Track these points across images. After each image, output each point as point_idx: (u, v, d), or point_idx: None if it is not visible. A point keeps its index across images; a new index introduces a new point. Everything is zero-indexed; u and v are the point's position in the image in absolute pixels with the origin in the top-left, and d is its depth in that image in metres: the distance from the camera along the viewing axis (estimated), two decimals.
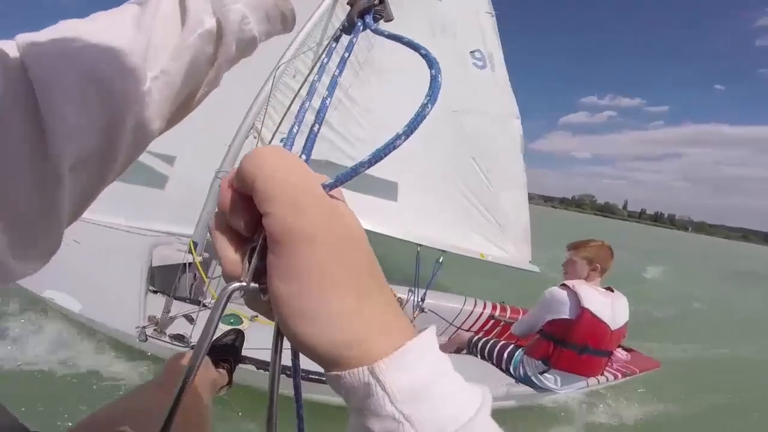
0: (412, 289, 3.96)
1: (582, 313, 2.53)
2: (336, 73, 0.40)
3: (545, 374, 2.68)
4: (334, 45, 0.48)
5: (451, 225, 4.05)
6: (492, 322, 3.97)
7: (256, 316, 2.84)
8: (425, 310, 3.81)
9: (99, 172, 0.36)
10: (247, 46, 0.45)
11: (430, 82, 0.31)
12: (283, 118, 2.92)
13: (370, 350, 0.25)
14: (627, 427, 3.41)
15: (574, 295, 2.59)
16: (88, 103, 0.32)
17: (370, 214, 3.78)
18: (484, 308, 4.05)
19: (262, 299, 0.28)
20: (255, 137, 3.19)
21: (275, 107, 3.44)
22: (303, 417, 0.35)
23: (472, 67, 3.99)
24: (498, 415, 0.25)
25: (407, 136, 0.29)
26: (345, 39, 0.46)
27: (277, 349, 0.30)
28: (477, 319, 4.00)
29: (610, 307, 2.61)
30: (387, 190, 3.97)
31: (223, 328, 1.99)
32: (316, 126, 0.35)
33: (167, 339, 2.49)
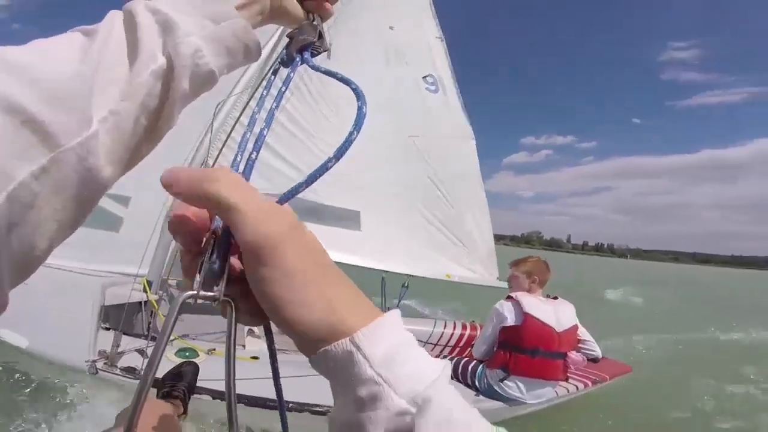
0: None
1: (525, 318, 2.76)
2: (273, 106, 0.42)
3: (506, 381, 2.79)
4: (272, 78, 0.48)
5: (416, 249, 4.04)
6: (464, 341, 3.90)
7: (214, 349, 2.82)
8: None
9: (42, 232, 0.31)
10: (204, 82, 0.41)
11: (357, 113, 0.35)
12: (220, 152, 2.90)
13: (349, 325, 0.30)
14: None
15: (517, 303, 2.83)
16: (19, 148, 0.27)
17: (335, 245, 3.72)
18: (454, 329, 3.98)
19: (213, 306, 0.32)
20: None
21: (225, 142, 3.41)
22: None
23: (425, 92, 4.09)
24: None
25: (337, 160, 0.34)
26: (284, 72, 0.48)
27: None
28: (449, 340, 3.90)
29: (552, 312, 2.84)
30: (350, 219, 3.95)
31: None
32: (254, 154, 0.37)
33: (118, 372, 2.48)
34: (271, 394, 0.33)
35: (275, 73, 0.49)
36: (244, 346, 3.21)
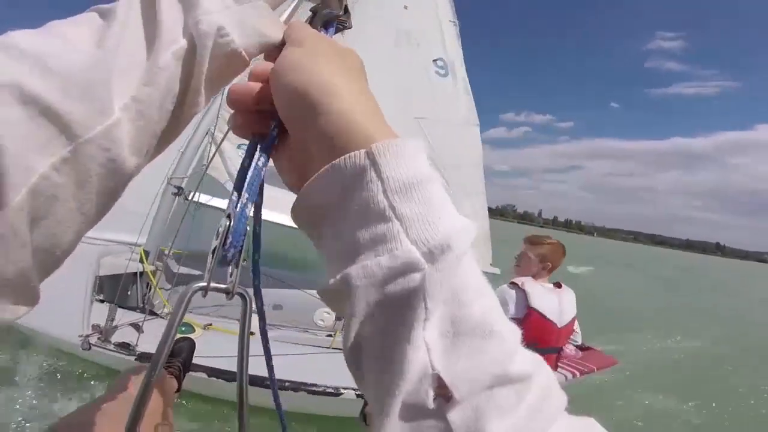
0: None
1: (529, 312, 2.49)
2: None
3: None
4: None
5: None
6: None
7: (210, 324, 2.74)
8: None
9: (67, 225, 0.30)
10: (230, 62, 0.36)
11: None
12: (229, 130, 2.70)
13: (368, 134, 0.25)
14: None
15: (522, 293, 2.53)
16: (39, 141, 0.26)
17: None
18: None
19: (227, 300, 0.32)
20: (210, 143, 2.97)
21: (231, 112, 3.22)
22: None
23: (435, 76, 3.93)
24: None
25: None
26: None
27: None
28: None
29: (557, 305, 2.58)
30: None
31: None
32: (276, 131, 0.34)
33: (112, 347, 2.34)
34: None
35: None
36: None
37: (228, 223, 0.30)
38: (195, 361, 1.91)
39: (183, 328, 2.61)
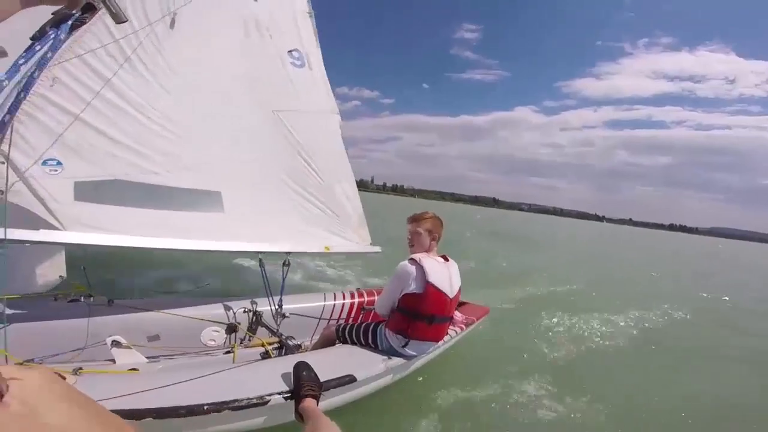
0: (255, 301, 3.40)
1: (427, 287, 2.60)
2: (34, 74, 0.40)
3: (407, 347, 2.71)
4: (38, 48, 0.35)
5: (290, 225, 3.65)
6: (355, 309, 3.82)
7: (80, 368, 2.19)
8: (287, 315, 3.35)
9: None
10: None
11: None
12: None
13: None
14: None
15: (420, 269, 2.63)
16: None
17: (198, 231, 3.08)
18: (344, 298, 3.86)
19: None
20: (2, 162, 2.14)
21: (25, 123, 2.38)
22: None
23: (291, 67, 3.62)
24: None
25: None
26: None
27: None
28: (341, 311, 3.76)
29: (447, 278, 2.74)
30: (210, 202, 3.27)
31: None
32: (7, 116, 0.31)
33: None
34: (177, 401, 0.20)
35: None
36: (113, 360, 2.50)
37: None
38: (132, 406, 1.60)
39: None
